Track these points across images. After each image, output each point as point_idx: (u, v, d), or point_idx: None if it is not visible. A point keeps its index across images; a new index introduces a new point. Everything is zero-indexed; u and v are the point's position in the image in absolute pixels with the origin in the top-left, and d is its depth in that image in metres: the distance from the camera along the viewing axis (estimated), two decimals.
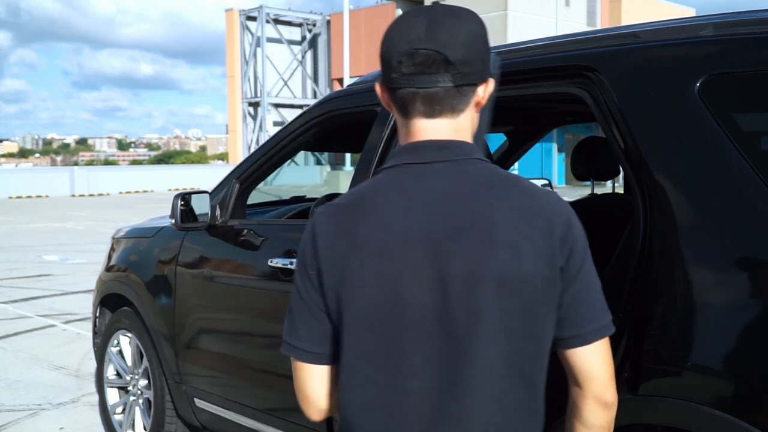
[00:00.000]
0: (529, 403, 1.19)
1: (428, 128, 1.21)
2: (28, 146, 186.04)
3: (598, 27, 29.56)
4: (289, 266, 2.61)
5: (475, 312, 1.13)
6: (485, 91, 1.25)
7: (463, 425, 1.15)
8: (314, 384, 1.27)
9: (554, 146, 26.76)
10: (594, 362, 1.22)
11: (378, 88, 1.26)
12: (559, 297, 1.18)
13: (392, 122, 2.48)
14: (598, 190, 3.03)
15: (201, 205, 3.04)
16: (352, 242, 1.17)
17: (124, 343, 3.60)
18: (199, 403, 3.16)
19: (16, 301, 7.47)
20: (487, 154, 1.16)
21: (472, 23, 1.21)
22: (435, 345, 1.15)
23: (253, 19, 35.39)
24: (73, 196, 27.46)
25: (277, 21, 35.49)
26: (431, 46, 1.16)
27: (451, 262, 1.13)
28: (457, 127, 1.22)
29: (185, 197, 3.00)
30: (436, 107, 1.19)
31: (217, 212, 3.06)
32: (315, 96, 35.75)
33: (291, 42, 35.93)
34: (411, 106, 1.20)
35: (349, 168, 23.85)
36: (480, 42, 1.21)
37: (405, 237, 1.15)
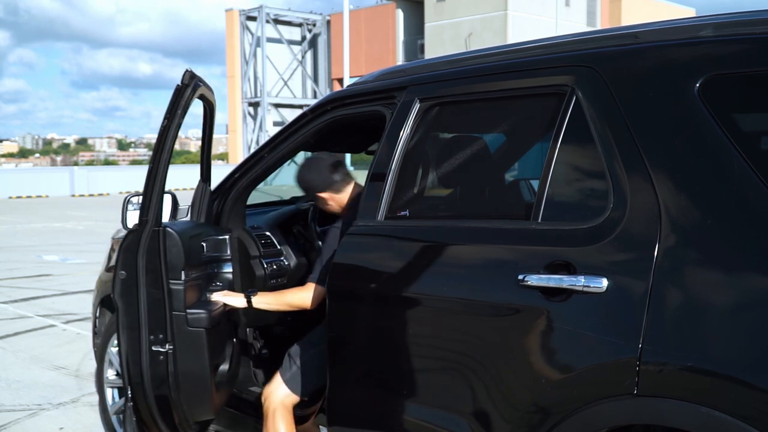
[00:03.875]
0: None
1: None
2: (28, 146, 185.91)
3: (598, 27, 29.55)
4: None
5: None
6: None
7: None
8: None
9: None
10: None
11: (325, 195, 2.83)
12: None
13: (409, 125, 2.46)
14: None
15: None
16: None
17: None
18: None
19: (16, 301, 7.47)
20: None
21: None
22: None
23: (253, 19, 35.38)
24: (73, 196, 27.45)
25: (277, 21, 35.48)
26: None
27: None
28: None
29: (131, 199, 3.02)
30: None
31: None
32: (315, 96, 35.75)
33: (291, 42, 35.92)
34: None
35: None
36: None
37: None
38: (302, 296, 2.72)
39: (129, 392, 2.73)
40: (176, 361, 2.65)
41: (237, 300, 2.84)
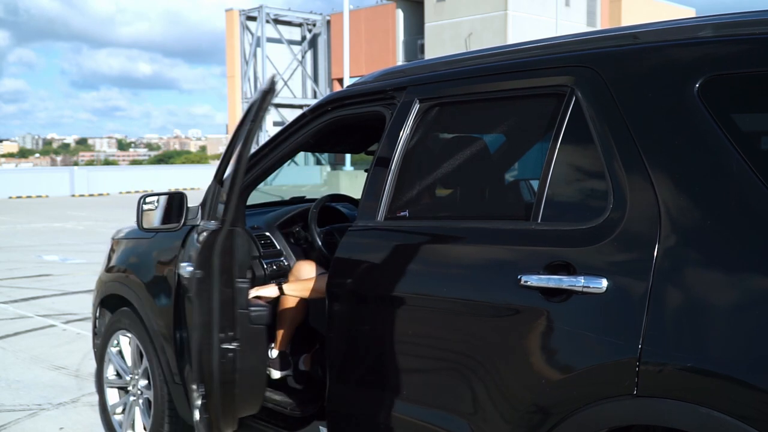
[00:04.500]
0: None
1: None
2: (28, 146, 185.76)
3: (598, 27, 29.55)
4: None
5: None
6: None
7: None
8: None
9: None
10: None
11: None
12: None
13: (409, 125, 2.46)
14: None
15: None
16: None
17: (124, 343, 3.60)
18: None
19: (16, 301, 7.47)
20: None
21: None
22: None
23: (253, 19, 35.37)
24: (73, 196, 27.46)
25: (277, 21, 35.48)
26: None
27: None
28: None
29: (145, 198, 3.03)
30: None
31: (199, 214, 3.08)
32: (315, 96, 35.75)
33: (291, 42, 35.92)
34: None
35: (348, 168, 23.82)
36: None
37: None
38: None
39: (167, 387, 2.78)
40: (241, 359, 2.69)
41: (271, 290, 2.97)
